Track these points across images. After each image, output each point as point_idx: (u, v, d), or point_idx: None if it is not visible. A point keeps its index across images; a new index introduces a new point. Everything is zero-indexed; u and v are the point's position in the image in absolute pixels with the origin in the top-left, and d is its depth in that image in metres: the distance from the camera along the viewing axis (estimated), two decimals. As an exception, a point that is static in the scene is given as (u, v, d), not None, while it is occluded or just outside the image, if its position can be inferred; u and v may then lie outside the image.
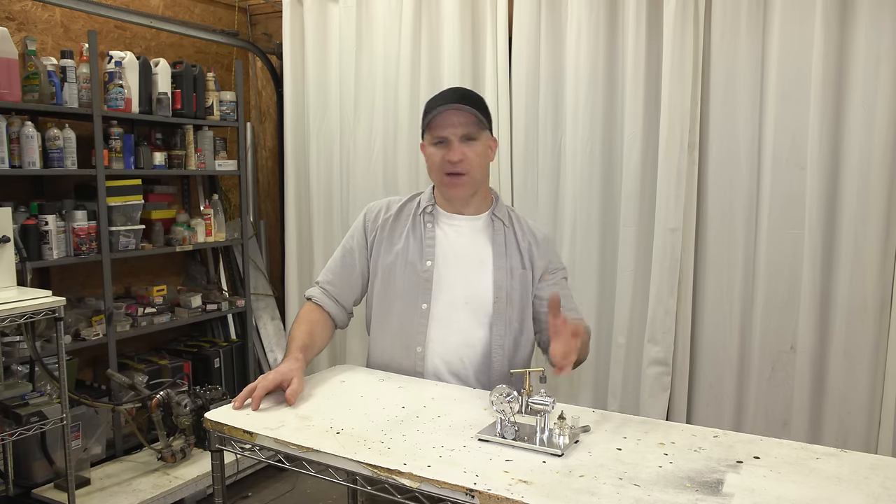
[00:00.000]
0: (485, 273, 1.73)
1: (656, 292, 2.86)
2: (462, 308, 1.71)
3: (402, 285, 1.74)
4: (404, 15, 3.32)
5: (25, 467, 2.80)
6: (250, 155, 4.12)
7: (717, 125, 2.79)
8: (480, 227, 1.77)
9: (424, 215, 1.78)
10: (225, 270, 4.02)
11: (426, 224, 1.77)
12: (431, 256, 1.73)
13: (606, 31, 2.94)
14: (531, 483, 1.12)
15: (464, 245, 1.75)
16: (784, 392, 2.72)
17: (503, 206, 1.82)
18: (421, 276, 1.72)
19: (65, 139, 2.92)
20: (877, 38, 2.46)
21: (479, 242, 1.76)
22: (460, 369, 1.72)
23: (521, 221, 1.81)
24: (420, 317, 1.71)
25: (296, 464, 1.30)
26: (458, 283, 1.72)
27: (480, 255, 1.74)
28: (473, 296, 1.72)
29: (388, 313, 1.76)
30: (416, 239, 1.76)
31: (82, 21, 3.33)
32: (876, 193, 2.50)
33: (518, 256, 1.75)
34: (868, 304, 2.54)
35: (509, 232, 1.77)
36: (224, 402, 2.60)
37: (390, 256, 1.76)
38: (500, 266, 1.73)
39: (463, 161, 1.67)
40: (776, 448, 1.27)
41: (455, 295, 1.72)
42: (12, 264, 2.49)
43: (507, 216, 1.80)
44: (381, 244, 1.79)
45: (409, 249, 1.75)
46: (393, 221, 1.79)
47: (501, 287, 1.72)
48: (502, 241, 1.75)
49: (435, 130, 1.69)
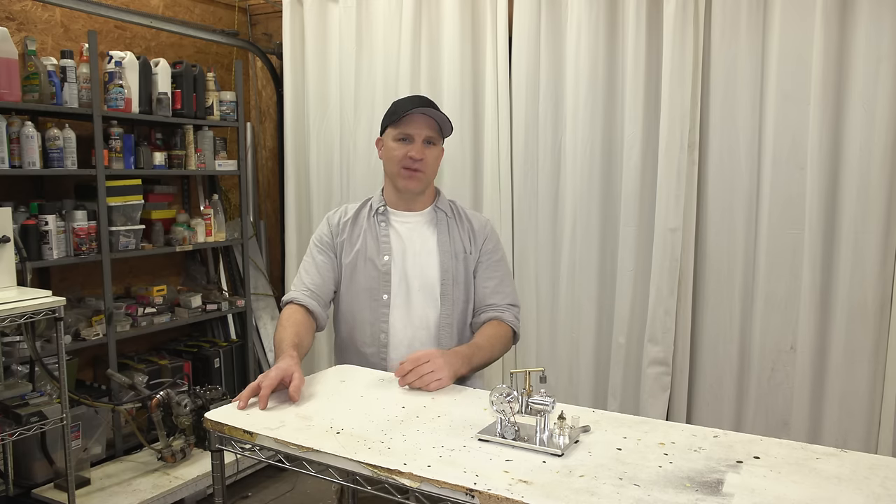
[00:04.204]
0: (432, 259, 1.92)
1: (656, 292, 2.86)
2: (416, 294, 1.90)
3: (363, 280, 1.91)
4: (404, 15, 3.32)
5: (25, 467, 2.80)
6: (250, 155, 4.12)
7: (717, 125, 2.79)
8: (426, 220, 1.96)
9: (378, 216, 1.96)
10: (225, 270, 4.02)
11: (380, 223, 1.95)
12: (388, 251, 1.91)
13: (606, 31, 2.94)
14: (531, 483, 1.12)
15: (414, 237, 1.94)
16: (784, 392, 2.73)
17: (445, 200, 2.01)
18: (380, 269, 1.90)
19: (65, 139, 2.92)
20: (877, 38, 2.46)
21: (426, 233, 1.95)
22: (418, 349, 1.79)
23: (461, 212, 2.01)
24: (382, 307, 1.89)
25: (296, 464, 1.30)
26: (412, 272, 1.91)
27: (427, 242, 1.94)
28: (425, 281, 1.90)
29: (353, 307, 1.92)
30: (373, 237, 1.94)
31: (82, 21, 3.33)
32: (876, 193, 2.50)
33: (461, 242, 1.95)
34: (868, 304, 2.54)
35: (452, 221, 1.97)
36: (224, 402, 2.60)
37: (350, 256, 1.93)
38: (444, 251, 1.92)
39: (422, 160, 1.87)
40: (776, 448, 1.27)
41: (410, 283, 1.90)
42: (12, 264, 2.49)
43: (449, 208, 1.99)
44: (343, 246, 1.96)
45: (367, 247, 1.93)
46: (351, 224, 1.97)
47: (447, 270, 1.91)
48: (446, 230, 1.95)
49: (402, 127, 1.88)
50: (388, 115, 1.93)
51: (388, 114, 1.94)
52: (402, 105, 1.91)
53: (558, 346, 3.16)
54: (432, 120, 1.88)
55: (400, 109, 1.89)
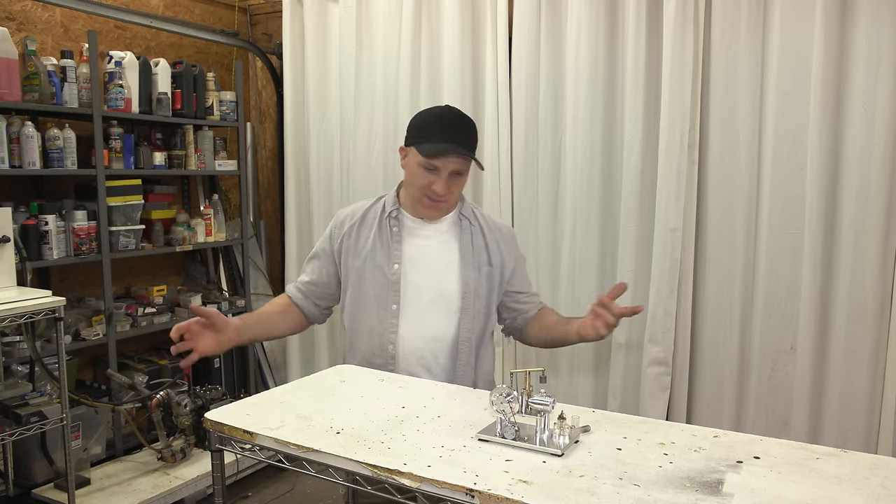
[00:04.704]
0: (452, 271, 1.80)
1: (656, 292, 2.86)
2: (430, 306, 1.79)
3: (371, 288, 1.81)
4: (404, 15, 3.32)
5: (25, 467, 2.80)
6: (250, 155, 4.12)
7: (717, 125, 2.79)
8: (447, 228, 1.84)
9: (390, 220, 1.83)
10: (225, 270, 4.02)
11: (392, 228, 1.82)
12: (399, 259, 1.80)
13: (606, 31, 2.94)
14: (531, 483, 1.12)
15: (431, 246, 1.82)
16: (784, 392, 2.72)
17: (469, 207, 1.88)
18: (389, 278, 1.79)
19: (65, 139, 2.92)
20: (877, 38, 2.46)
21: (447, 242, 1.83)
22: (431, 363, 1.79)
23: (487, 219, 1.89)
24: (391, 317, 1.79)
25: (296, 464, 1.30)
26: (425, 283, 1.79)
27: (447, 254, 1.82)
28: (441, 293, 1.79)
29: (361, 315, 1.83)
30: (382, 243, 1.82)
31: (82, 21, 3.33)
32: (876, 193, 2.50)
33: (485, 254, 1.83)
34: (868, 304, 2.54)
35: (475, 230, 1.84)
36: (224, 402, 2.60)
37: (359, 260, 1.83)
38: (467, 263, 1.80)
39: (446, 194, 1.75)
40: (776, 448, 1.27)
41: (423, 295, 1.79)
42: (12, 264, 2.49)
43: (473, 214, 1.87)
44: (348, 251, 1.85)
45: (376, 253, 1.82)
46: (359, 226, 1.86)
47: (469, 283, 1.79)
48: (469, 240, 1.82)
49: (429, 158, 1.71)
50: (418, 137, 1.74)
51: (416, 132, 1.75)
52: (433, 130, 1.72)
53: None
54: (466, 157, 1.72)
55: (431, 136, 1.71)
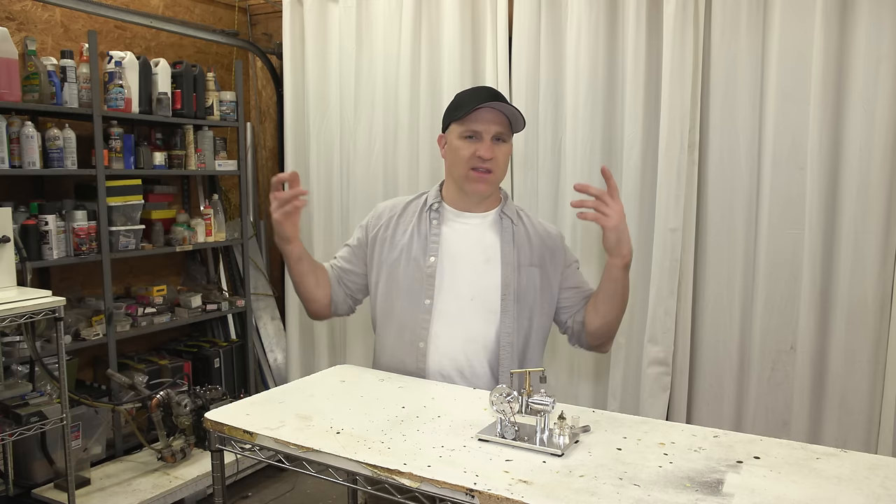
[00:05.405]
0: (492, 269, 1.72)
1: (656, 292, 2.85)
2: (468, 304, 1.71)
3: (404, 281, 1.74)
4: (404, 15, 3.32)
5: (25, 467, 2.80)
6: (250, 155, 4.12)
7: (717, 125, 2.79)
8: (488, 225, 1.77)
9: (430, 212, 1.78)
10: (225, 270, 4.02)
11: (431, 221, 1.77)
12: (435, 252, 1.73)
13: (606, 31, 2.94)
14: (531, 483, 1.12)
15: (471, 242, 1.75)
16: (784, 392, 2.72)
17: (512, 205, 1.82)
18: (424, 271, 1.72)
19: (65, 139, 2.92)
20: (877, 38, 2.46)
21: (487, 239, 1.76)
22: (465, 366, 1.71)
23: (533, 220, 1.82)
24: (423, 312, 1.71)
25: (296, 464, 1.30)
26: (463, 280, 1.72)
27: (487, 251, 1.74)
28: (480, 292, 1.71)
29: (392, 309, 1.76)
30: (420, 236, 1.76)
31: (82, 21, 3.33)
32: (876, 193, 2.50)
33: (528, 254, 1.75)
34: (868, 304, 2.54)
35: (518, 230, 1.77)
36: (224, 402, 2.60)
37: (394, 253, 1.77)
38: (507, 262, 1.73)
39: (493, 159, 1.69)
40: (776, 448, 1.27)
41: (460, 291, 1.71)
42: (12, 264, 2.48)
43: (516, 214, 1.80)
44: (383, 242, 1.79)
45: (412, 246, 1.75)
46: (398, 218, 1.80)
47: (509, 283, 1.71)
48: (510, 239, 1.75)
49: (469, 124, 1.68)
50: (452, 110, 1.74)
51: (451, 108, 1.75)
52: (467, 98, 1.71)
53: (558, 346, 3.16)
54: (502, 115, 1.68)
55: (466, 103, 1.69)
